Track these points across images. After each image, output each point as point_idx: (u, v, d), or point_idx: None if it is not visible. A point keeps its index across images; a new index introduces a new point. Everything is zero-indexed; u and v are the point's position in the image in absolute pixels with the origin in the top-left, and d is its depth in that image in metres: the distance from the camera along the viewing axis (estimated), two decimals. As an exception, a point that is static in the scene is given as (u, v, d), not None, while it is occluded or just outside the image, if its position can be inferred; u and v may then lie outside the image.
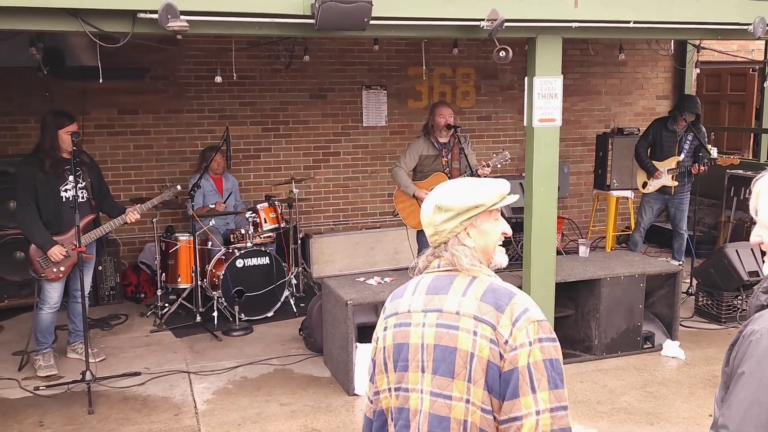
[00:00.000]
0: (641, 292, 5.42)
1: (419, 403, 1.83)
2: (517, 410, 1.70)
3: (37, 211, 4.99)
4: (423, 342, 1.84)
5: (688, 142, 7.02)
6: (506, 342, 1.74)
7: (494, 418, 1.74)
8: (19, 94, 6.92)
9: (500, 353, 1.73)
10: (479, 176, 5.81)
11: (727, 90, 9.73)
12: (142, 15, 3.78)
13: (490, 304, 1.79)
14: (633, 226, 7.69)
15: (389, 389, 1.91)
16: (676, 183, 7.02)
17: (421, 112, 8.03)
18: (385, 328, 1.95)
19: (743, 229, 7.86)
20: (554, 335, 1.80)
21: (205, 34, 4.53)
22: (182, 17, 3.73)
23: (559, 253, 7.47)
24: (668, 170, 6.99)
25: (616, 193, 7.96)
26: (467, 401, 1.75)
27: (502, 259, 1.96)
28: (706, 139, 7.14)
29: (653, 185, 7.06)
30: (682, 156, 7.00)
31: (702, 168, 6.85)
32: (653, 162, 7.03)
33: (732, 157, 7.18)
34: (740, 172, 8.04)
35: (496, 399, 1.74)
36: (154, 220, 6.48)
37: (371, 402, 2.00)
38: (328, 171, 8.15)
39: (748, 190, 7.67)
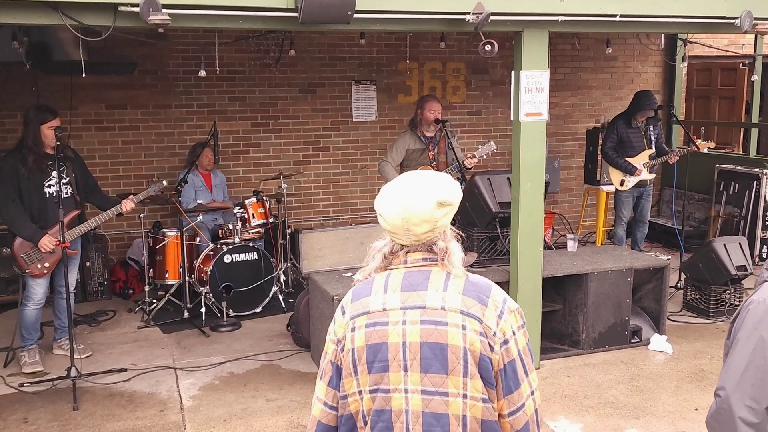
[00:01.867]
0: (629, 287, 5.42)
1: (403, 403, 1.79)
2: (520, 398, 1.80)
3: (22, 206, 4.96)
4: (405, 340, 1.79)
5: (652, 134, 7.16)
6: (494, 334, 1.77)
7: (492, 406, 1.78)
8: (6, 89, 6.87)
9: (490, 345, 1.77)
10: (467, 168, 5.82)
11: (717, 84, 9.73)
12: (123, 8, 3.75)
13: (473, 298, 1.80)
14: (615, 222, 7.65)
15: (360, 392, 1.83)
16: (654, 176, 7.16)
17: (411, 106, 7.99)
18: (353, 329, 1.85)
19: (733, 223, 7.88)
20: (525, 318, 1.88)
21: (188, 27, 4.52)
22: (164, 10, 3.70)
23: (549, 247, 7.47)
24: (644, 164, 7.07)
25: (606, 188, 7.96)
26: (464, 396, 1.75)
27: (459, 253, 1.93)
28: (660, 132, 7.34)
29: (631, 182, 7.10)
30: (652, 148, 7.12)
31: (677, 157, 7.06)
32: (627, 159, 7.05)
33: (708, 141, 7.24)
34: (730, 166, 8.05)
35: (491, 389, 1.78)
36: (142, 215, 6.45)
37: (329, 408, 1.89)
38: (318, 166, 8.13)
39: (737, 185, 7.73)
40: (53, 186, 5.01)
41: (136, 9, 3.70)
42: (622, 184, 7.15)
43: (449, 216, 1.85)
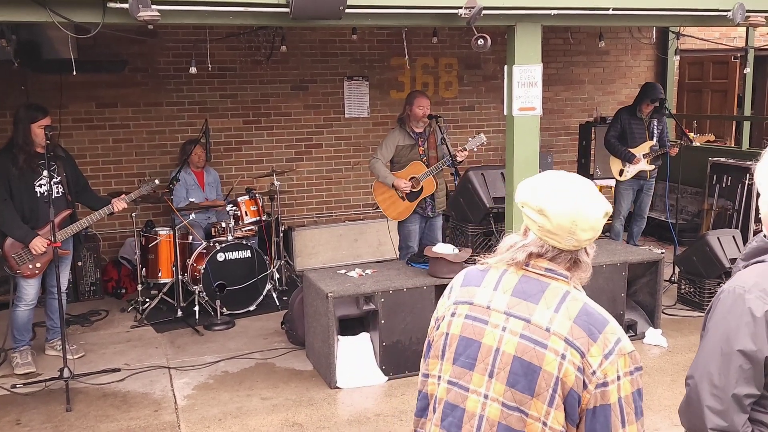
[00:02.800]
0: (623, 281, 5.42)
1: (479, 407, 1.73)
2: None
3: (13, 206, 4.91)
4: (499, 347, 1.73)
5: (655, 127, 7.17)
6: (593, 373, 1.65)
7: None
8: (-6, 88, 6.82)
9: (584, 382, 1.65)
10: (459, 162, 5.79)
11: (709, 78, 9.75)
12: (112, 5, 3.71)
13: (583, 328, 1.68)
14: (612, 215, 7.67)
15: (439, 377, 1.82)
16: (653, 167, 7.16)
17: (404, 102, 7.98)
18: (453, 314, 1.82)
19: (726, 216, 7.89)
20: (641, 363, 1.72)
21: (178, 24, 4.49)
22: (153, 7, 3.66)
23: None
24: (643, 155, 7.07)
25: (599, 182, 7.96)
26: (544, 423, 1.66)
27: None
28: (665, 126, 7.34)
29: (630, 171, 7.10)
30: (654, 140, 7.12)
31: (677, 149, 7.08)
32: (627, 149, 7.06)
33: (707, 134, 7.26)
34: (722, 160, 8.06)
35: (572, 426, 1.68)
36: (134, 214, 6.41)
37: (420, 380, 1.92)
38: (311, 163, 8.10)
39: (729, 178, 7.74)
40: (44, 185, 4.96)
41: (126, 5, 3.66)
42: (621, 174, 7.15)
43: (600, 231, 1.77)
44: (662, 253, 5.94)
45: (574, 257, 1.75)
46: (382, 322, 4.80)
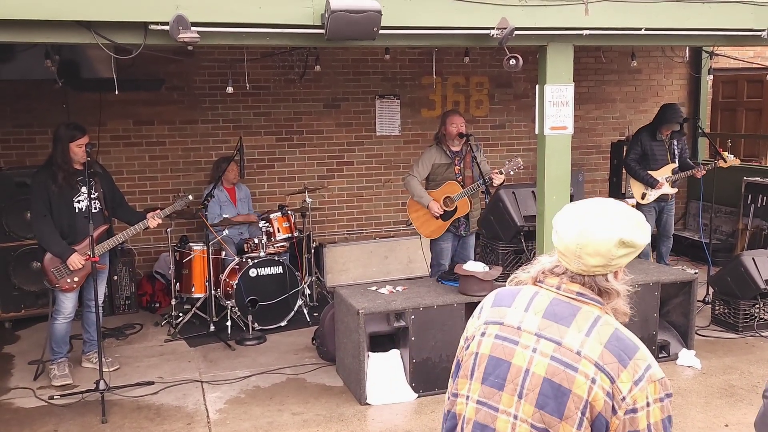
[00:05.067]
0: (656, 301, 5.37)
1: (509, 427, 1.74)
2: None
3: (53, 222, 5.05)
4: (529, 368, 1.73)
5: (675, 147, 7.08)
6: (623, 399, 1.65)
7: None
8: (38, 106, 7.02)
9: (613, 407, 1.66)
10: (493, 184, 5.80)
11: (743, 97, 9.65)
12: (153, 27, 3.83)
13: (613, 354, 1.68)
14: None
15: (468, 397, 1.83)
16: (676, 190, 7.09)
17: (435, 121, 8.03)
18: (483, 334, 1.83)
19: (761, 236, 7.78)
20: (671, 390, 1.73)
21: (216, 45, 4.60)
22: (193, 28, 3.78)
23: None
24: (666, 178, 7.00)
25: (631, 201, 7.88)
26: None
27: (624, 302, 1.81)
28: (684, 145, 7.28)
29: (653, 195, 7.03)
30: (676, 162, 7.05)
31: (704, 171, 7.00)
32: (649, 173, 6.99)
33: (733, 158, 7.15)
34: (757, 179, 7.97)
35: None
36: (169, 230, 6.52)
37: (448, 399, 1.91)
38: (342, 180, 8.17)
39: (765, 198, 7.64)
40: (82, 201, 5.09)
41: (166, 27, 3.77)
42: (643, 198, 7.09)
43: (629, 257, 1.73)
44: (696, 273, 5.88)
45: (598, 284, 1.75)
46: (413, 339, 4.82)
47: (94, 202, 5.16)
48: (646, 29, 4.72)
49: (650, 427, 1.66)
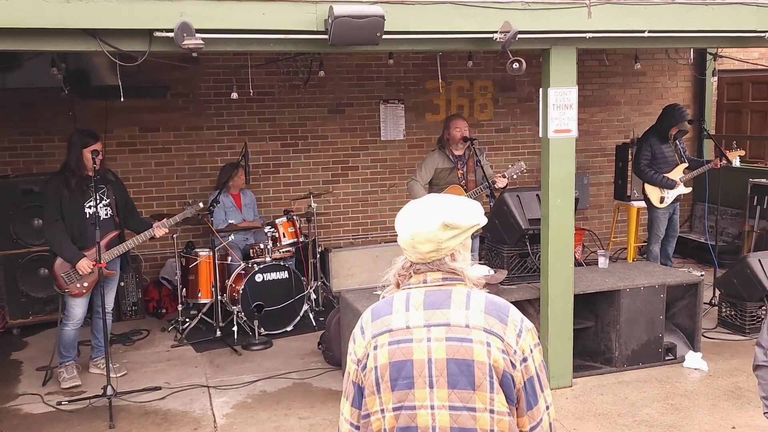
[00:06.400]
0: (662, 303, 5.36)
1: (430, 419, 1.82)
2: (538, 413, 1.87)
3: (64, 227, 5.08)
4: (431, 357, 1.83)
5: (680, 148, 7.12)
6: (515, 352, 1.83)
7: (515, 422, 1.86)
8: (44, 114, 7.06)
9: (512, 362, 1.82)
10: (497, 187, 5.82)
11: (748, 98, 9.63)
12: (158, 34, 3.85)
13: (494, 316, 1.85)
14: (648, 240, 7.49)
15: (382, 410, 1.86)
16: (690, 189, 7.07)
17: (439, 125, 8.02)
18: (375, 347, 1.88)
19: (767, 238, 7.75)
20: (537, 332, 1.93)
21: (220, 51, 4.64)
22: (197, 35, 3.80)
23: (579, 264, 7.42)
24: (680, 178, 7.01)
25: (636, 204, 7.89)
26: (491, 411, 1.80)
27: (479, 272, 2.01)
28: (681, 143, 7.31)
29: (670, 197, 7.02)
30: (686, 162, 7.08)
31: (721, 162, 7.01)
32: (665, 175, 6.98)
33: (737, 149, 7.16)
34: (763, 181, 7.94)
35: (512, 405, 1.84)
36: (175, 236, 6.55)
37: (355, 428, 1.92)
38: (347, 185, 8.19)
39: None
40: (93, 207, 5.12)
41: (171, 34, 3.79)
42: (661, 201, 7.06)
43: (458, 239, 1.87)
44: (702, 275, 5.86)
45: (443, 268, 1.89)
46: (418, 343, 4.82)
47: (105, 209, 5.20)
48: (649, 32, 4.71)
49: (537, 370, 1.86)
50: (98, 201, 5.07)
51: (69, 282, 5.09)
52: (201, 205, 5.71)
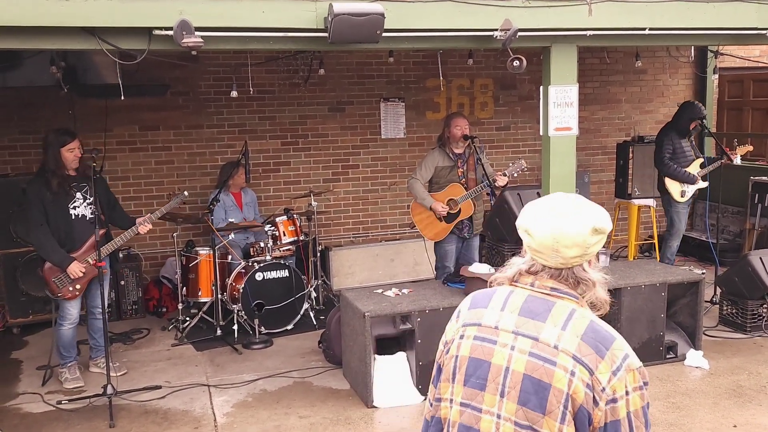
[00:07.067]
0: (663, 301, 5.35)
1: (493, 427, 1.75)
2: None
3: (49, 230, 5.01)
4: (509, 366, 1.74)
5: (693, 143, 7.20)
6: (603, 389, 1.67)
7: None
8: (44, 113, 7.05)
9: (594, 399, 1.67)
10: (497, 186, 5.80)
11: (750, 96, 9.62)
12: (157, 32, 3.85)
13: (590, 345, 1.70)
14: (667, 235, 7.43)
15: (451, 400, 1.83)
16: (707, 183, 7.13)
17: (440, 123, 7.99)
18: (462, 336, 1.84)
19: (769, 236, 7.74)
20: (648, 378, 1.75)
21: (220, 49, 4.63)
22: (197, 33, 3.79)
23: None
24: (697, 173, 7.08)
25: (637, 202, 7.88)
26: None
27: (604, 293, 1.81)
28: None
29: (690, 191, 7.05)
30: (702, 157, 7.13)
31: (735, 153, 7.12)
32: (686, 170, 7.01)
33: (745, 145, 7.22)
34: (764, 179, 7.93)
35: None
36: (175, 234, 6.54)
37: (431, 406, 1.93)
38: (348, 183, 8.18)
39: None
40: (78, 207, 5.07)
41: (170, 33, 3.79)
42: (682, 195, 7.08)
43: (600, 244, 1.76)
44: (703, 273, 5.86)
45: (575, 275, 1.77)
46: (419, 341, 4.82)
47: (90, 207, 5.09)
48: (650, 29, 4.71)
49: (630, 415, 1.68)
50: (82, 200, 5.01)
51: (61, 286, 5.03)
52: (186, 194, 5.55)
